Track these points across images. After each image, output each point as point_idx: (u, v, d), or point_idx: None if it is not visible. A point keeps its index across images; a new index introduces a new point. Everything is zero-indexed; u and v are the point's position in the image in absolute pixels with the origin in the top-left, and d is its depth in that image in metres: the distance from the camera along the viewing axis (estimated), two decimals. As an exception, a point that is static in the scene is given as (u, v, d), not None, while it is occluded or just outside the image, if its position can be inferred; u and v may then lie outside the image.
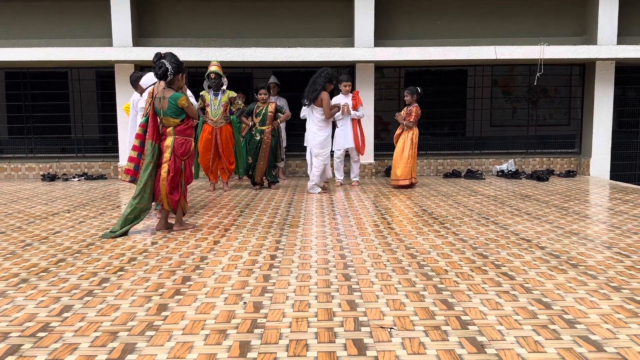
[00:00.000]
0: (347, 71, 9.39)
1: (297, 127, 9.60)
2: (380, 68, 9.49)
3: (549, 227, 4.82)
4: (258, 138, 7.44)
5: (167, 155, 4.67)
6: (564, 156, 9.75)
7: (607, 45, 8.80)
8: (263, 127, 7.44)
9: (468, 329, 2.48)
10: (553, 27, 9.36)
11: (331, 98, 7.47)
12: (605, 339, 2.36)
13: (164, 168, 4.66)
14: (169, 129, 4.69)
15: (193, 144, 4.81)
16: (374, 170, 9.40)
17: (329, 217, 5.39)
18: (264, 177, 7.64)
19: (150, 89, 5.18)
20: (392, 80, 9.75)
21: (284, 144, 8.93)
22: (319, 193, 7.22)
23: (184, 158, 4.71)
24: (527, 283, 3.17)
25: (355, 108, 7.82)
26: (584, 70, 9.60)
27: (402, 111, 7.83)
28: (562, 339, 2.36)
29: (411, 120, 7.61)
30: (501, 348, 2.28)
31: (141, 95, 5.89)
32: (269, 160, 7.51)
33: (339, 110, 7.46)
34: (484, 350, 2.25)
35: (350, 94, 8.00)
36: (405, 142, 7.61)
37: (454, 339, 2.37)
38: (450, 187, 7.79)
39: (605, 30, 8.98)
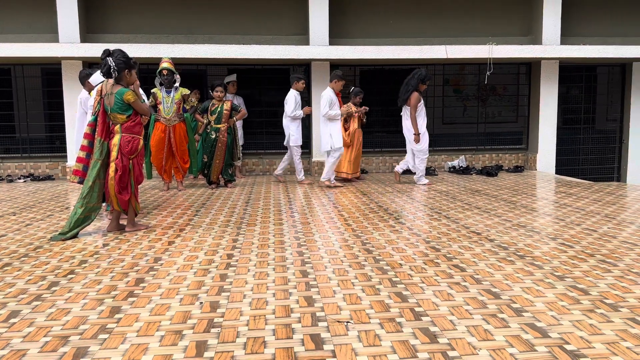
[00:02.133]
0: (302, 69, 9.41)
1: (254, 126, 9.54)
2: (336, 66, 9.55)
3: (497, 221, 4.99)
4: (214, 136, 7.36)
5: (114, 153, 4.55)
6: (512, 152, 10.11)
7: (551, 45, 9.18)
8: (218, 125, 7.36)
9: (421, 320, 2.55)
10: (501, 27, 9.69)
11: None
12: (550, 326, 2.48)
13: (112, 167, 4.54)
14: (117, 127, 4.57)
15: (142, 142, 4.68)
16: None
17: (286, 215, 5.40)
18: (220, 176, 7.56)
19: (98, 87, 5.03)
20: (347, 79, 9.81)
21: (241, 142, 8.85)
22: (426, 184, 7.62)
23: (131, 157, 4.59)
24: (477, 274, 3.29)
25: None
26: (530, 69, 9.98)
27: (353, 107, 8.01)
28: (510, 327, 2.47)
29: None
30: (453, 337, 2.36)
31: (90, 94, 5.72)
32: (225, 158, 7.44)
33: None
34: (437, 340, 2.33)
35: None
36: (359, 138, 8.04)
37: (408, 330, 2.43)
38: (404, 184, 7.93)
39: (549, 30, 9.35)
